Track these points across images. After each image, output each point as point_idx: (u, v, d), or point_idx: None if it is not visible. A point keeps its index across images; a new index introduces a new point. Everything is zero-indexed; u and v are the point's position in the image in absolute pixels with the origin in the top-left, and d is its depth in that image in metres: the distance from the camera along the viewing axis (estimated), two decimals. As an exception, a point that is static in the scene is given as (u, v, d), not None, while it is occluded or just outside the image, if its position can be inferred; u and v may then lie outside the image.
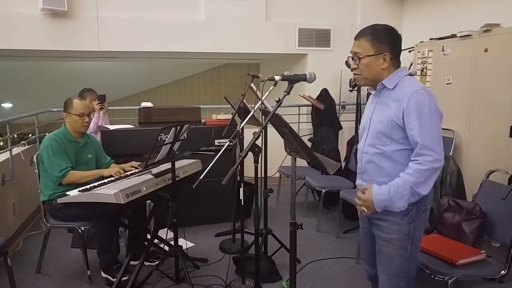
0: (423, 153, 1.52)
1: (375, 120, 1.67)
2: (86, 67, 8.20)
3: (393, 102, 1.60)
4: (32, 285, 2.69)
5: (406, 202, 1.55)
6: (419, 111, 1.52)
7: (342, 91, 5.46)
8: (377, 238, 1.71)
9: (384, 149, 1.62)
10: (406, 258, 1.64)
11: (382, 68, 1.62)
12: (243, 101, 2.86)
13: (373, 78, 1.66)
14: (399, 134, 1.58)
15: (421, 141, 1.52)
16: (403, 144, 1.59)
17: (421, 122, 1.52)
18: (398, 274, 1.66)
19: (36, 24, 4.61)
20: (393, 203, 1.56)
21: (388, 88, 1.64)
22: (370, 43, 1.61)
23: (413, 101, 1.53)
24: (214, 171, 2.05)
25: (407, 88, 1.58)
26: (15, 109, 9.73)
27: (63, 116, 2.78)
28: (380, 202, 1.58)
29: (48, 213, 2.73)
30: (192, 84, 10.16)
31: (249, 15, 5.38)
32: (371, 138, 1.67)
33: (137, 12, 5.02)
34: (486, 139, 3.59)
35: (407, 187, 1.53)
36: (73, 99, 2.76)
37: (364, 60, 1.63)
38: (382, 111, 1.64)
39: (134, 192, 2.25)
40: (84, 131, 2.81)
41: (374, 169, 1.66)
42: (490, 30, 3.50)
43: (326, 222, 3.83)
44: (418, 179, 1.51)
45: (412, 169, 1.53)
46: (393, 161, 1.61)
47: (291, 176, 1.79)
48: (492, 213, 2.30)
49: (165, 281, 2.69)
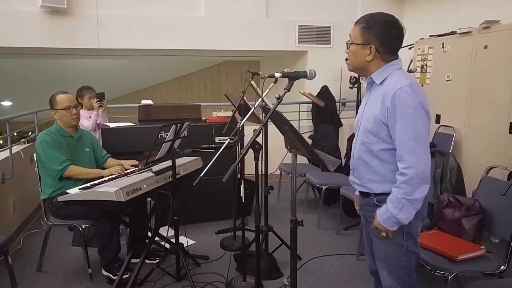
0: (404, 157, 1.48)
1: (364, 117, 1.63)
2: (85, 64, 8.19)
3: (380, 98, 1.54)
4: (33, 284, 2.69)
5: (409, 211, 1.50)
6: (403, 110, 1.46)
7: (342, 88, 5.45)
8: (373, 236, 1.70)
9: (371, 148, 1.58)
10: (403, 254, 1.62)
11: (367, 60, 1.56)
12: (244, 98, 2.85)
13: (358, 67, 1.62)
14: (385, 132, 1.53)
15: (402, 144, 1.48)
16: (390, 143, 1.54)
17: (403, 123, 1.46)
18: (398, 270, 1.65)
19: (35, 21, 4.60)
20: (397, 217, 1.51)
21: (376, 83, 1.59)
22: (360, 31, 1.55)
23: (397, 99, 1.47)
24: (214, 169, 2.06)
25: (392, 84, 1.51)
26: (14, 107, 9.73)
27: (52, 114, 2.76)
28: (385, 221, 1.54)
29: (48, 212, 2.73)
30: (192, 81, 10.15)
31: (249, 12, 5.36)
32: (361, 135, 1.64)
33: (137, 10, 5.01)
34: (486, 136, 3.59)
35: (400, 199, 1.49)
36: (56, 95, 2.74)
37: (352, 47, 1.59)
38: (370, 107, 1.60)
39: (135, 189, 2.25)
40: (75, 123, 2.79)
41: (363, 166, 1.64)
42: (490, 27, 3.49)
43: (327, 219, 3.84)
44: (407, 189, 1.48)
45: (399, 181, 1.50)
46: (380, 160, 1.58)
47: (291, 173, 1.79)
48: (491, 209, 2.31)
49: (166, 279, 2.69)
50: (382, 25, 1.53)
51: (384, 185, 1.59)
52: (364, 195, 1.70)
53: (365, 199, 1.71)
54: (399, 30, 1.56)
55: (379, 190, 1.61)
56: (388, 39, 1.55)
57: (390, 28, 1.54)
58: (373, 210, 1.63)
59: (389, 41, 1.55)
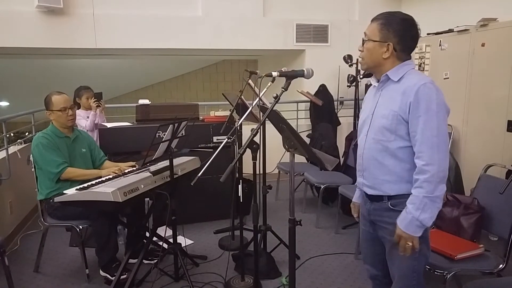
0: (426, 154, 1.45)
1: (378, 114, 1.57)
2: (82, 64, 8.17)
3: (398, 95, 1.51)
4: (30, 285, 2.68)
5: (432, 211, 1.46)
6: (427, 106, 1.45)
7: (340, 86, 5.45)
8: (385, 242, 1.64)
9: (387, 145, 1.53)
10: (416, 258, 1.58)
11: (383, 58, 1.54)
12: (241, 97, 2.84)
13: (373, 65, 1.59)
14: (404, 129, 1.50)
15: (423, 140, 1.45)
16: (407, 141, 1.51)
17: (426, 118, 1.45)
18: (409, 274, 1.61)
19: (31, 21, 4.58)
20: (420, 219, 1.46)
21: (392, 80, 1.56)
22: (379, 27, 1.53)
23: (421, 95, 1.45)
24: (212, 168, 2.04)
25: (415, 80, 1.49)
26: (11, 107, 9.68)
27: (47, 115, 2.73)
28: (407, 227, 1.48)
29: (45, 212, 2.71)
30: (190, 81, 10.13)
31: (246, 11, 5.35)
32: (374, 133, 1.58)
33: (134, 9, 4.99)
34: (484, 134, 3.59)
35: (421, 198, 1.45)
36: (51, 95, 2.71)
37: (368, 44, 1.56)
38: (386, 104, 1.55)
39: (132, 190, 2.24)
40: (70, 124, 2.77)
41: (377, 166, 1.58)
42: (487, 24, 3.49)
43: (325, 218, 3.84)
44: (429, 187, 1.44)
45: (419, 181, 1.46)
46: (396, 158, 1.53)
47: (289, 172, 1.78)
48: (490, 207, 2.30)
49: (164, 279, 2.68)
50: (401, 23, 1.52)
51: (399, 185, 1.55)
52: (375, 199, 1.63)
53: (376, 204, 1.64)
54: (416, 30, 1.56)
55: (394, 192, 1.56)
56: (406, 38, 1.54)
57: (409, 27, 1.54)
58: (386, 215, 1.59)
59: (407, 39, 1.54)
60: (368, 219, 1.72)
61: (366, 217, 1.74)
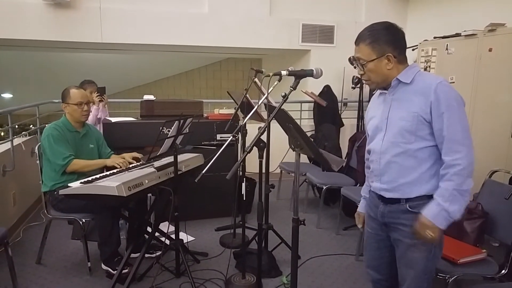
0: (455, 149, 1.47)
1: (395, 118, 1.57)
2: (87, 58, 8.16)
3: (415, 97, 1.52)
4: (32, 276, 2.69)
5: (461, 204, 1.47)
6: (448, 103, 1.47)
7: (345, 88, 5.44)
8: (399, 244, 1.63)
9: (408, 147, 1.54)
10: (429, 260, 1.59)
11: (388, 69, 1.55)
12: (246, 95, 2.84)
13: (381, 80, 1.60)
14: (425, 130, 1.51)
15: (450, 136, 1.47)
16: (429, 140, 1.52)
17: (450, 115, 1.46)
18: (421, 276, 1.61)
19: (38, 14, 4.58)
20: (449, 211, 1.47)
21: (404, 83, 1.56)
22: (370, 47, 1.54)
23: (440, 93, 1.47)
24: (215, 166, 2.04)
25: (430, 80, 1.51)
26: (15, 99, 9.70)
27: (62, 107, 2.78)
28: (435, 217, 1.48)
29: (49, 204, 2.72)
30: (193, 78, 10.13)
31: (252, 9, 5.35)
32: (393, 137, 1.57)
33: (140, 4, 4.99)
34: (488, 139, 3.58)
35: (451, 191, 1.47)
36: (70, 89, 2.76)
37: (368, 65, 1.56)
38: (402, 107, 1.55)
39: (137, 185, 2.24)
40: (84, 120, 2.81)
41: (397, 169, 1.57)
42: (495, 29, 3.49)
43: (327, 219, 3.84)
44: (459, 180, 1.46)
45: (448, 174, 1.47)
46: (416, 159, 1.54)
47: (294, 172, 1.78)
48: (493, 212, 2.30)
49: (165, 274, 2.69)
50: (386, 32, 1.55)
51: (418, 186, 1.56)
52: (392, 201, 1.62)
53: (392, 206, 1.62)
54: (400, 29, 1.59)
55: (414, 194, 1.56)
56: (398, 41, 1.56)
57: (394, 31, 1.57)
58: (403, 217, 1.58)
59: (399, 42, 1.57)
60: (381, 222, 1.70)
61: (376, 220, 1.72)
